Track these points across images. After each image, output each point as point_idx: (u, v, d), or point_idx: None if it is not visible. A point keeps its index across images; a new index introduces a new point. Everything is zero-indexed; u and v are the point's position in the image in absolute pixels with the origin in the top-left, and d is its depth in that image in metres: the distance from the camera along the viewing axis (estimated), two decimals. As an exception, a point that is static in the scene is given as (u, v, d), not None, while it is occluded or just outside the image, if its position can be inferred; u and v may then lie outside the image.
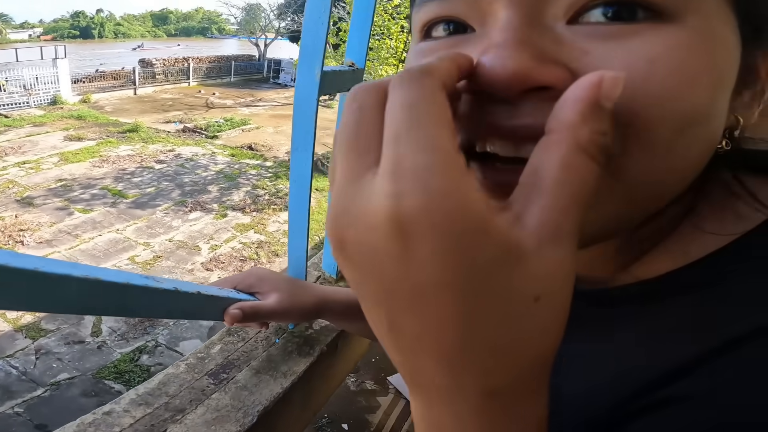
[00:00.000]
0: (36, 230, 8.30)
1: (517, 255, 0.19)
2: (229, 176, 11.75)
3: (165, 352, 6.24)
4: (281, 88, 25.79)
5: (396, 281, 0.20)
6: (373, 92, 0.23)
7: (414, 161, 0.18)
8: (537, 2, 0.26)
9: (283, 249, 8.72)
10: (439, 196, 0.18)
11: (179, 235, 8.75)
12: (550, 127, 0.22)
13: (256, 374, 0.97)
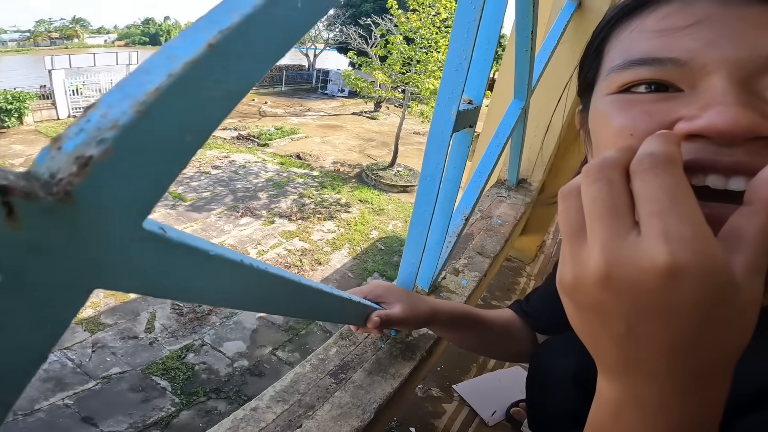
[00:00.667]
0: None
1: (736, 286, 0.28)
2: (277, 184, 12.37)
3: (210, 351, 6.76)
4: (328, 98, 26.44)
5: (655, 303, 0.28)
6: (619, 170, 0.31)
7: (680, 231, 0.27)
8: (750, 75, 0.34)
9: (325, 258, 9.22)
10: (701, 256, 0.27)
11: (230, 239, 9.41)
12: (750, 199, 0.30)
13: (369, 375, 1.05)
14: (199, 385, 6.19)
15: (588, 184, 0.32)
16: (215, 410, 5.92)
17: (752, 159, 0.33)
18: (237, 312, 7.53)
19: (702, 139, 0.35)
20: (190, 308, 7.43)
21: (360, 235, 10.27)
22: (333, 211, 11.14)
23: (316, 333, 7.40)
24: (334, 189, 12.46)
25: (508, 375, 2.25)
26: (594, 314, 0.32)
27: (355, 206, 11.65)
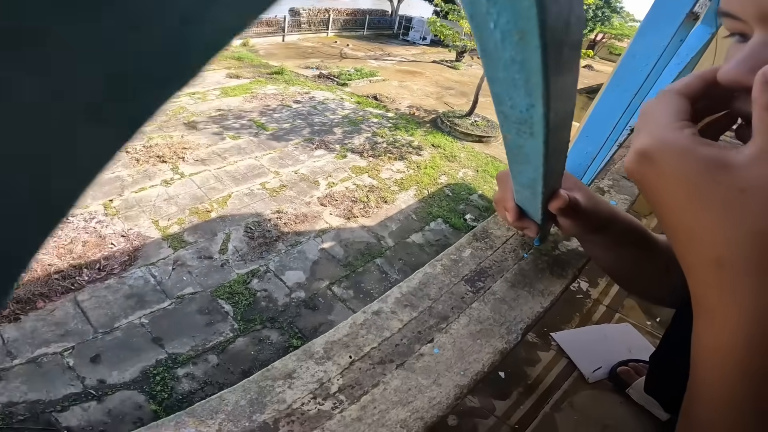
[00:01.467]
0: (195, 149, 8.98)
1: (725, 167, 0.31)
2: (352, 121, 11.55)
3: (272, 279, 6.33)
4: (409, 45, 24.69)
5: (638, 181, 0.37)
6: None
7: (650, 128, 0.36)
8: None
9: (391, 197, 8.35)
10: (659, 141, 0.35)
11: (304, 168, 8.85)
12: (754, 98, 0.31)
13: (512, 288, 0.89)
14: (257, 313, 5.81)
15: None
16: (267, 339, 5.53)
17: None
18: (302, 241, 6.99)
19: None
20: (261, 233, 6.99)
21: (428, 179, 9.21)
22: (404, 153, 10.13)
23: (372, 272, 6.70)
24: (408, 131, 11.44)
25: (616, 331, 1.91)
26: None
27: (426, 150, 10.56)
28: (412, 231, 7.63)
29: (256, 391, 0.80)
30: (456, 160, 10.43)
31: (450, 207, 8.48)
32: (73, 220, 6.86)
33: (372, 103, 13.53)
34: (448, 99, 15.67)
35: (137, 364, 5.00)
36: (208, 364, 5.14)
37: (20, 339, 5.09)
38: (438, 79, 18.18)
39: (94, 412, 4.58)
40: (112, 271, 6.08)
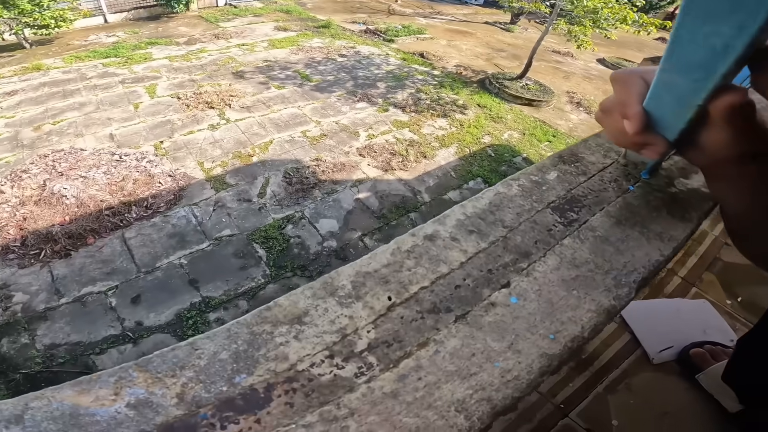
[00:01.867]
0: (241, 97, 8.78)
1: None
2: (397, 77, 10.84)
3: (306, 225, 6.08)
4: (460, 5, 22.79)
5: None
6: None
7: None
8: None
9: (431, 152, 7.80)
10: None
11: (345, 119, 8.44)
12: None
13: (617, 225, 0.61)
14: (289, 260, 5.63)
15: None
16: (297, 287, 5.31)
17: None
18: (338, 189, 6.68)
19: None
20: (298, 179, 6.74)
21: (471, 138, 8.50)
22: (448, 110, 9.40)
23: (406, 226, 6.32)
24: (453, 90, 10.60)
25: (690, 307, 1.55)
26: None
27: (471, 109, 9.75)
28: (449, 188, 7.09)
29: (247, 339, 0.55)
30: (502, 121, 9.57)
31: (491, 167, 7.80)
32: (126, 159, 6.92)
33: (418, 60, 12.66)
34: (499, 61, 14.43)
35: (173, 307, 4.98)
36: (238, 310, 5.06)
37: (69, 276, 5.17)
38: (489, 41, 16.76)
39: (129, 355, 4.60)
40: (158, 210, 6.09)
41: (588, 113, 10.79)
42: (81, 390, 0.48)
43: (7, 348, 4.49)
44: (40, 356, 4.44)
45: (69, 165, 6.75)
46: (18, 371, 4.33)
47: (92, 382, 0.49)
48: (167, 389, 0.49)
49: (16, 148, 7.14)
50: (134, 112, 8.17)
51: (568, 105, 11.09)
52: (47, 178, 6.43)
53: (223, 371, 0.51)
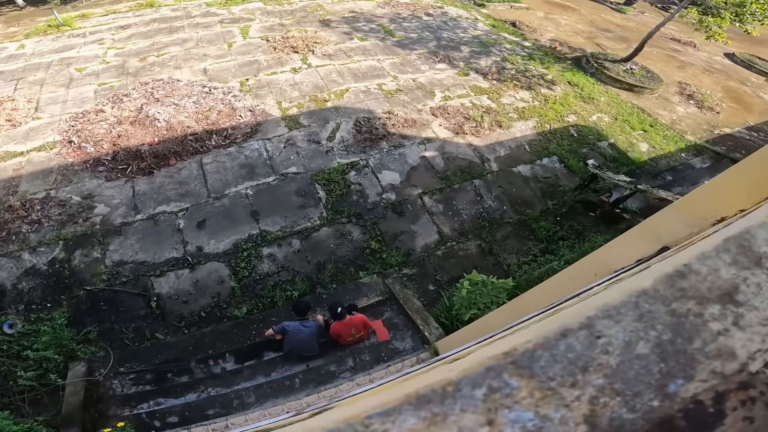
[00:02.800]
0: (325, 45, 8.97)
1: None
2: (483, 43, 10.34)
3: (368, 174, 6.16)
4: (569, -25, 20.84)
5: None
6: None
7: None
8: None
9: (507, 122, 7.44)
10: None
11: (422, 78, 8.30)
12: None
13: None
14: (347, 205, 5.76)
15: None
16: (349, 235, 5.46)
17: None
18: (405, 144, 6.67)
19: None
20: (368, 128, 6.82)
21: (554, 114, 7.95)
22: (533, 83, 8.82)
23: (468, 191, 6.15)
24: (543, 64, 9.90)
25: None
26: None
27: (560, 86, 9.06)
28: (521, 161, 6.75)
29: (669, 322, 0.39)
30: (593, 102, 8.79)
31: (571, 147, 7.26)
32: (214, 92, 7.43)
33: (508, 29, 11.92)
34: (602, 41, 13.17)
35: (232, 237, 5.29)
36: (291, 248, 5.30)
37: (148, 193, 5.69)
38: (594, 19, 15.31)
39: (184, 281, 4.89)
40: (235, 140, 6.53)
41: (699, 107, 9.54)
42: (432, 417, 0.32)
43: (79, 261, 4.94)
44: (107, 273, 4.83)
45: (165, 93, 7.41)
46: (83, 287, 4.73)
47: (448, 400, 0.33)
48: (567, 410, 0.31)
49: (121, 75, 7.99)
50: (227, 50, 8.72)
51: (676, 96, 9.88)
52: (144, 103, 7.13)
53: (647, 375, 0.34)
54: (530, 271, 5.20)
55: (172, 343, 4.45)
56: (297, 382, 4.19)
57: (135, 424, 3.72)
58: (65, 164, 6.03)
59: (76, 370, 4.13)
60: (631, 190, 5.75)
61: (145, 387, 4.24)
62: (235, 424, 3.89)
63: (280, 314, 4.62)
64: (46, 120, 6.83)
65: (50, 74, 8.04)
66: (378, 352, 4.53)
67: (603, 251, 2.89)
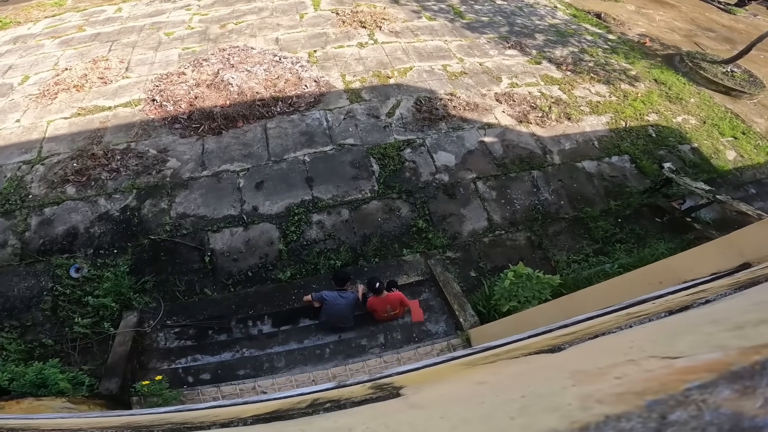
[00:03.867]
0: (392, 22, 9.02)
1: None
2: (560, 32, 9.81)
3: (424, 154, 6.16)
4: (671, -36, 19.01)
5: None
6: None
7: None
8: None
9: (577, 115, 7.07)
10: None
11: (489, 62, 8.09)
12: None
13: None
14: (399, 182, 5.82)
15: None
16: (398, 211, 5.52)
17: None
18: (465, 127, 6.60)
19: None
20: (428, 108, 6.82)
21: (632, 112, 7.42)
22: (613, 78, 8.27)
23: (525, 182, 5.96)
24: (627, 59, 9.23)
25: None
26: None
27: (644, 83, 8.42)
28: (587, 157, 6.41)
29: None
30: (680, 103, 8.08)
31: (646, 148, 6.76)
32: (284, 61, 7.79)
33: (591, 20, 11.19)
34: (703, 41, 12.00)
35: (286, 200, 5.55)
36: (339, 218, 5.46)
37: (215, 152, 6.11)
38: (696, 17, 13.96)
39: (237, 239, 5.19)
40: (298, 108, 6.83)
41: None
42: (743, 389, 0.35)
43: (148, 210, 5.41)
44: (170, 225, 5.23)
45: (240, 59, 7.89)
46: (147, 236, 5.16)
47: (756, 376, 0.36)
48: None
49: (203, 40, 8.60)
50: (299, 21, 9.06)
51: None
52: (221, 68, 7.63)
53: None
54: (579, 270, 4.99)
55: (218, 300, 4.75)
56: (327, 352, 4.37)
57: (171, 378, 3.98)
58: (146, 120, 6.67)
59: (128, 319, 4.48)
60: (708, 199, 5.28)
61: (186, 342, 4.55)
62: (263, 387, 4.14)
63: (321, 282, 4.83)
64: (134, 79, 7.57)
65: (142, 37, 8.85)
66: (410, 332, 4.60)
67: (673, 260, 2.82)
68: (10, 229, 5.26)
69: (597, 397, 0.62)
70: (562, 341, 1.36)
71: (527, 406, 0.73)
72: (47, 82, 7.53)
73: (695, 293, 1.62)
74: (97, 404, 3.66)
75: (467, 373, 1.47)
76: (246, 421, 1.14)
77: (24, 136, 6.47)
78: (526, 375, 1.16)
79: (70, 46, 8.73)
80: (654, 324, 1.23)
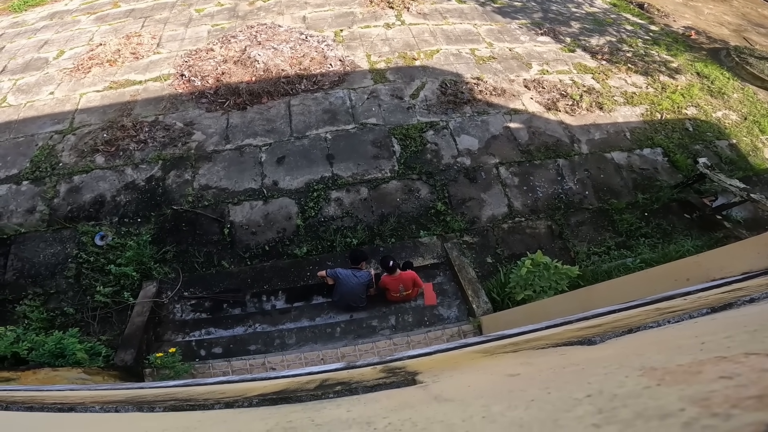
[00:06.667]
0: (421, 3, 9.04)
1: None
2: (598, 21, 9.57)
3: (446, 136, 6.18)
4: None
5: None
6: None
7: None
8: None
9: (610, 105, 6.92)
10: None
11: (520, 48, 7.98)
12: None
13: None
14: (420, 163, 5.87)
15: None
16: (417, 192, 5.56)
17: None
18: (490, 112, 6.57)
19: None
20: (453, 91, 6.82)
21: (670, 104, 7.21)
22: (652, 69, 8.04)
23: (549, 170, 5.91)
24: (670, 50, 8.93)
25: None
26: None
27: (685, 75, 8.15)
28: (617, 147, 6.29)
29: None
30: (722, 97, 7.79)
31: (681, 142, 6.57)
32: (310, 39, 7.91)
33: (633, 9, 10.86)
34: (754, 36, 11.52)
35: (306, 176, 5.68)
36: (358, 196, 5.55)
37: (239, 126, 6.30)
38: (748, 12, 13.36)
39: (257, 212, 5.34)
40: (322, 87, 6.94)
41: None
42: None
43: (172, 181, 5.63)
44: (192, 196, 5.42)
45: (267, 37, 8.05)
46: (170, 206, 5.35)
47: None
48: None
49: (231, 17, 8.81)
50: (326, 0, 9.16)
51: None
52: (248, 45, 7.81)
53: None
54: (599, 263, 4.94)
55: (234, 273, 4.90)
56: (338, 331, 4.47)
57: (184, 350, 4.10)
58: (175, 94, 6.93)
59: (148, 290, 4.62)
60: (742, 197, 5.12)
61: (201, 315, 4.70)
62: (272, 363, 4.24)
63: (336, 260, 4.94)
64: (164, 55, 7.85)
65: (173, 14, 9.13)
66: (421, 315, 4.66)
67: (703, 257, 2.78)
68: (39, 195, 5.57)
69: (723, 401, 0.53)
70: (590, 333, 1.33)
71: (606, 409, 0.63)
72: (81, 57, 7.90)
73: (731, 291, 1.60)
74: (112, 375, 3.79)
75: (487, 362, 1.45)
76: (252, 401, 1.11)
77: (57, 108, 6.83)
78: (570, 369, 1.07)
79: (105, 21, 9.10)
80: (707, 320, 1.16)
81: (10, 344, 3.62)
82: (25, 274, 4.88)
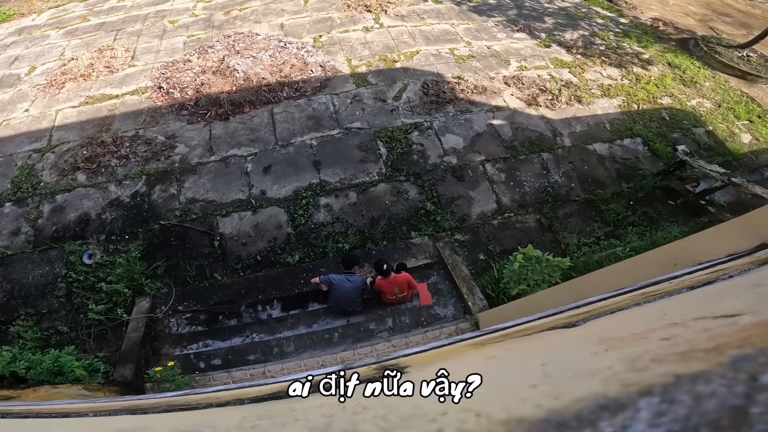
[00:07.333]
0: (398, 5, 9.10)
1: None
2: (571, 15, 9.79)
3: (431, 136, 6.23)
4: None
5: None
6: None
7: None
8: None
9: (588, 98, 7.08)
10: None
11: (498, 46, 8.11)
12: None
13: None
14: (407, 164, 5.90)
15: None
16: (405, 193, 5.59)
17: None
18: (473, 110, 6.65)
19: None
20: (435, 91, 6.88)
21: (645, 95, 7.41)
22: (625, 61, 8.25)
23: (534, 164, 6.02)
24: (640, 43, 9.19)
25: None
26: None
27: (657, 66, 8.39)
28: (598, 139, 6.43)
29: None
30: (694, 86, 8.05)
31: (659, 131, 6.76)
32: (289, 46, 7.87)
33: (602, 3, 11.15)
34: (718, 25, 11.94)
35: (294, 183, 5.64)
36: (347, 201, 5.55)
37: (222, 137, 6.22)
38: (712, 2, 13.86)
39: (246, 223, 5.29)
40: (305, 93, 6.91)
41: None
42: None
43: (158, 196, 5.54)
44: (180, 210, 5.34)
45: (245, 45, 7.98)
46: (158, 221, 5.27)
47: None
48: None
49: (207, 28, 8.70)
50: (303, 6, 9.13)
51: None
52: (226, 54, 7.73)
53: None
54: (590, 253, 5.03)
55: (228, 284, 4.85)
56: (336, 336, 4.45)
57: (183, 363, 4.06)
58: (154, 107, 6.79)
59: (141, 305, 4.57)
60: (723, 182, 5.28)
61: (197, 327, 4.65)
62: (272, 371, 4.22)
63: (329, 265, 4.91)
64: (140, 67, 7.70)
65: (146, 26, 8.97)
66: (418, 315, 4.68)
67: (689, 240, 2.83)
68: (23, 216, 5.41)
69: (649, 357, 0.57)
70: (576, 319, 1.36)
71: (552, 374, 0.68)
72: (54, 72, 7.68)
73: (715, 272, 1.63)
74: (112, 391, 3.74)
75: (474, 352, 1.48)
76: (243, 401, 1.14)
77: (33, 125, 6.63)
78: (543, 347, 1.13)
79: (75, 36, 8.88)
80: (679, 297, 1.20)
81: (8, 364, 3.55)
82: (15, 296, 4.77)
